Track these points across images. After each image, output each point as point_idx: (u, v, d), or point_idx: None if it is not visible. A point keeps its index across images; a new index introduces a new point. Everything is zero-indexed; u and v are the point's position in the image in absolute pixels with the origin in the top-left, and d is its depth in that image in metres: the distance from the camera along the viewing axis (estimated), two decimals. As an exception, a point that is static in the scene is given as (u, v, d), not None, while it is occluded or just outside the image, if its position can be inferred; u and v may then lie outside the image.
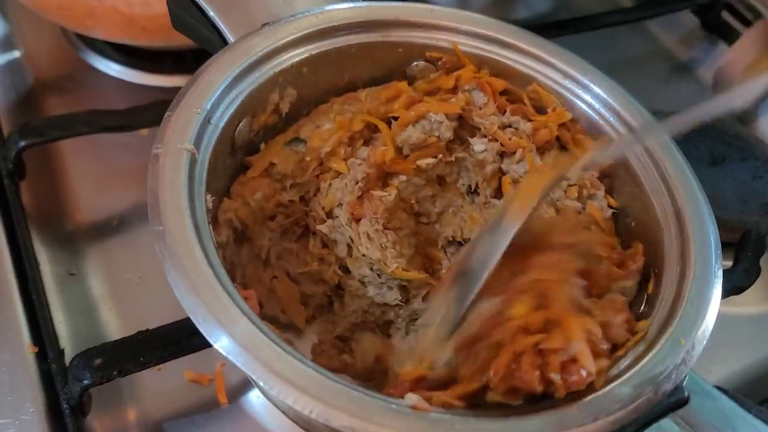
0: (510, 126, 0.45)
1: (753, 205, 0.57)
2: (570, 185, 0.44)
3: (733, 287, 0.50)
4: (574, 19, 0.71)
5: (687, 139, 0.44)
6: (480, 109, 0.45)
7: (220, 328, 0.30)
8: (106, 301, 0.49)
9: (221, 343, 0.30)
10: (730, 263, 0.52)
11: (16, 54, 0.66)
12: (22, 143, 0.51)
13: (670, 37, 0.78)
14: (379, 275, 0.43)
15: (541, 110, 0.46)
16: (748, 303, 0.54)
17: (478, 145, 0.45)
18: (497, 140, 0.45)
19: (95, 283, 0.50)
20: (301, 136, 0.45)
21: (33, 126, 0.52)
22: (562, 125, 0.45)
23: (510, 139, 0.45)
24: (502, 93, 0.46)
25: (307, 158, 0.44)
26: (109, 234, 0.53)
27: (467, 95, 0.45)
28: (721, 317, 0.43)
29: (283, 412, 0.38)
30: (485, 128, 0.45)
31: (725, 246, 0.55)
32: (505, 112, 0.45)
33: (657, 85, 0.73)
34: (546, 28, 0.68)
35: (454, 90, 0.46)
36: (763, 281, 0.52)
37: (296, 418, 0.37)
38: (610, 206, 0.44)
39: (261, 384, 0.29)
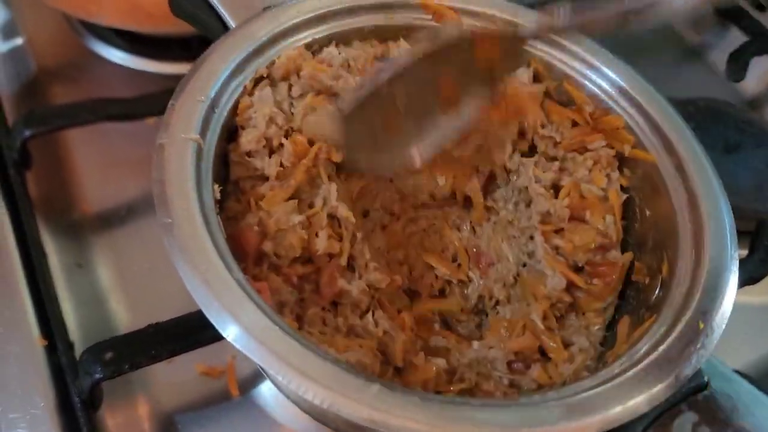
0: None
1: (769, 194, 0.56)
2: (595, 164, 0.43)
3: (749, 277, 0.49)
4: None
5: (699, 126, 0.43)
6: None
7: (234, 321, 0.29)
8: (114, 292, 0.49)
9: (235, 336, 0.29)
10: (745, 252, 0.51)
11: (19, 41, 0.65)
12: (27, 132, 0.50)
13: (681, 22, 0.76)
14: None
15: None
16: (763, 293, 0.53)
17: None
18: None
19: (103, 275, 0.50)
20: None
21: (38, 115, 0.51)
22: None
23: None
24: None
25: None
26: (116, 224, 0.53)
27: None
28: (736, 307, 0.42)
29: (295, 403, 0.38)
30: None
31: (740, 235, 0.54)
32: None
33: (667, 70, 0.72)
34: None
35: None
36: (778, 270, 0.51)
37: (310, 410, 0.36)
38: (622, 188, 0.42)
39: (277, 376, 0.29)
